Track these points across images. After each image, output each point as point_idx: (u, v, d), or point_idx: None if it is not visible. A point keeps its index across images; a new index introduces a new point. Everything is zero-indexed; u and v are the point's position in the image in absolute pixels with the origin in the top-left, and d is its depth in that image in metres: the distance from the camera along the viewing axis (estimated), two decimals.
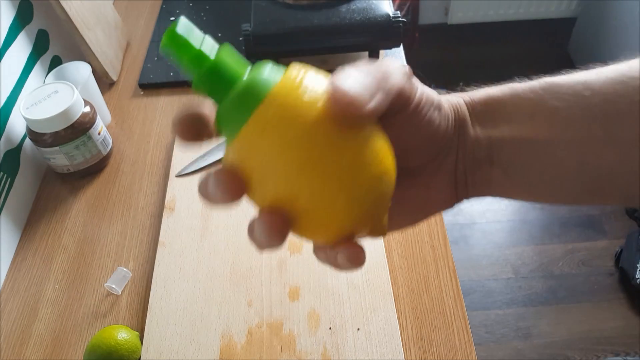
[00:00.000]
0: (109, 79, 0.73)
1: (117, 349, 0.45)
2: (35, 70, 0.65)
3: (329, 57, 0.73)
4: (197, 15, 0.82)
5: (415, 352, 0.46)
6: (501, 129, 0.25)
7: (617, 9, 1.48)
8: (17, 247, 0.57)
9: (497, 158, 0.25)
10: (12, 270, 0.55)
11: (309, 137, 0.19)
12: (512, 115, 0.25)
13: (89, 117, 0.59)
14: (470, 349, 0.46)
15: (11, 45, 0.60)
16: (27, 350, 0.49)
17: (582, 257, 1.32)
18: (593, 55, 1.63)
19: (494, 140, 0.25)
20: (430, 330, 0.48)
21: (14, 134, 0.59)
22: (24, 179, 0.60)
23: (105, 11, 0.74)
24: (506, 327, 1.21)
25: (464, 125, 0.26)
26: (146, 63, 0.75)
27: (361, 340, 0.46)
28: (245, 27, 0.66)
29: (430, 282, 0.51)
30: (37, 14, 0.66)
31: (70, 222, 0.59)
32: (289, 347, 0.46)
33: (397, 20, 0.65)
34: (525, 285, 1.28)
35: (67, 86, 0.58)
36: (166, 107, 0.70)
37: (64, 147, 0.58)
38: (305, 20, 0.66)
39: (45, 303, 0.52)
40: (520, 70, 1.87)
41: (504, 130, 0.25)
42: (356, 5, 0.66)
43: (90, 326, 0.50)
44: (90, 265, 0.55)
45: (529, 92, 0.25)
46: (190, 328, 0.48)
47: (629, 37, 1.42)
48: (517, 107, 0.25)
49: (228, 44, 0.22)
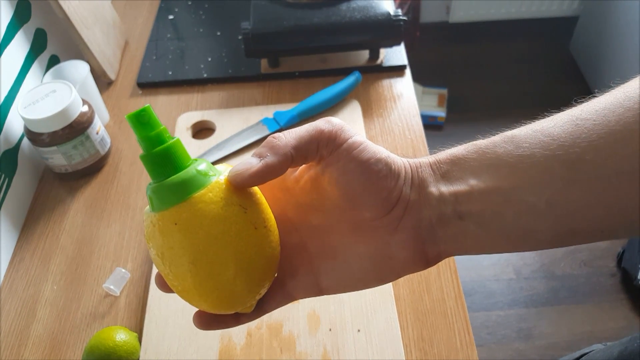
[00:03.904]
0: (107, 78, 0.72)
1: (115, 350, 0.45)
2: (33, 70, 0.64)
3: (328, 55, 0.72)
4: (196, 14, 0.82)
5: (416, 353, 0.46)
6: (468, 183, 0.26)
7: (619, 8, 1.48)
8: (15, 247, 0.57)
9: (466, 212, 0.26)
10: (10, 270, 0.55)
11: (201, 246, 0.25)
12: (477, 169, 0.27)
13: (87, 116, 0.58)
14: (472, 350, 0.46)
15: (9, 44, 0.60)
16: (26, 351, 0.49)
17: (584, 258, 1.31)
18: (595, 54, 1.62)
19: (461, 195, 0.26)
20: (432, 331, 0.47)
21: (12, 133, 0.59)
22: (21, 178, 0.60)
23: (103, 10, 0.74)
24: (508, 328, 1.20)
25: (424, 185, 0.27)
26: (144, 62, 0.75)
27: (362, 342, 0.46)
28: (244, 26, 0.65)
29: (431, 283, 0.50)
30: (35, 13, 0.66)
31: (68, 223, 0.58)
32: (288, 349, 0.46)
33: (398, 18, 0.65)
34: (527, 286, 1.27)
35: (65, 85, 0.57)
36: (165, 106, 0.70)
37: (62, 147, 0.57)
38: (305, 19, 0.65)
39: (44, 304, 0.52)
40: (522, 69, 1.86)
41: (472, 184, 0.26)
42: (356, 3, 0.66)
43: (89, 327, 0.50)
44: (89, 266, 0.54)
45: (492, 147, 0.27)
46: (189, 329, 0.47)
47: (631, 36, 1.42)
48: (482, 162, 0.27)
49: (179, 139, 0.27)
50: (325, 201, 0.29)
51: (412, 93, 0.69)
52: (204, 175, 0.26)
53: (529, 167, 0.25)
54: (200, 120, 0.66)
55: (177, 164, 0.26)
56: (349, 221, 0.28)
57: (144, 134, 0.26)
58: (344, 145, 0.27)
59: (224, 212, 0.25)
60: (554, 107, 0.28)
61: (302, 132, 0.27)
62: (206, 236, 0.25)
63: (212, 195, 0.25)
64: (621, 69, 1.47)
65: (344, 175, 0.27)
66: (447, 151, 0.28)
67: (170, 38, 0.78)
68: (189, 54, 0.75)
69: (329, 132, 0.27)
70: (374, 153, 0.27)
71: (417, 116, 0.66)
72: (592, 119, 0.24)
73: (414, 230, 0.27)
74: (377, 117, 0.66)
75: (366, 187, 0.27)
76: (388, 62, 0.71)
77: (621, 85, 0.26)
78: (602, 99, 0.25)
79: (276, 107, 0.66)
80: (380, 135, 0.64)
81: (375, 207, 0.27)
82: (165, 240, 0.25)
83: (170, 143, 0.26)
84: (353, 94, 0.68)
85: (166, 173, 0.26)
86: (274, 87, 0.71)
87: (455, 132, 1.61)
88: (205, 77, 0.72)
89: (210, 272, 0.25)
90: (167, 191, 0.25)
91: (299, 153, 0.27)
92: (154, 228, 0.26)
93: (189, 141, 0.63)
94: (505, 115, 1.64)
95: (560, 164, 0.24)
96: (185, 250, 0.25)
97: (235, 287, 0.26)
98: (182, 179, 0.25)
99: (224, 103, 0.69)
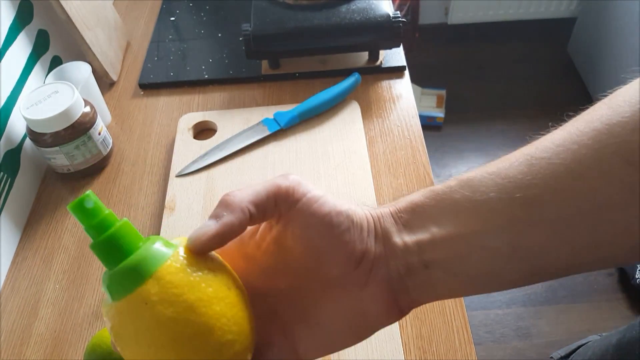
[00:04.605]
0: (109, 79, 0.73)
1: None
2: (36, 70, 0.65)
3: (328, 57, 0.73)
4: (197, 15, 0.82)
5: (415, 351, 0.46)
6: (430, 231, 0.26)
7: (617, 9, 1.48)
8: (18, 247, 0.57)
9: (431, 260, 0.26)
10: (13, 270, 0.55)
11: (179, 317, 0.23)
12: (437, 217, 0.26)
13: (89, 117, 0.59)
14: (470, 349, 0.46)
15: (11, 45, 0.60)
16: (28, 350, 0.49)
17: None
18: (592, 56, 1.63)
19: (424, 243, 0.26)
20: (430, 330, 0.48)
21: (14, 134, 0.59)
22: (24, 179, 0.60)
23: (105, 11, 0.74)
24: (506, 327, 1.21)
25: (388, 235, 0.27)
26: (146, 63, 0.75)
27: None
28: (245, 27, 0.66)
29: None
30: (37, 14, 0.66)
31: (70, 222, 0.59)
32: None
33: (397, 20, 0.65)
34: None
35: (67, 86, 0.58)
36: (166, 107, 0.71)
37: (64, 147, 0.58)
38: (305, 20, 0.66)
39: (46, 303, 0.52)
40: (519, 70, 1.87)
41: (433, 231, 0.26)
42: (356, 5, 0.66)
43: (91, 326, 0.50)
44: (91, 265, 0.55)
45: (449, 192, 0.26)
46: None
47: (629, 37, 1.42)
48: (441, 209, 0.26)
49: (127, 220, 0.25)
50: (291, 263, 0.28)
51: (411, 94, 0.69)
52: (161, 250, 0.25)
53: (488, 211, 0.25)
54: (201, 121, 0.66)
55: (128, 246, 0.25)
56: (317, 281, 0.27)
57: (88, 223, 0.24)
58: (302, 200, 0.26)
59: (195, 279, 0.24)
60: (552, 107, 0.29)
61: (258, 188, 0.26)
62: (183, 306, 0.23)
63: (178, 265, 0.24)
64: (619, 70, 1.48)
65: (306, 230, 0.26)
66: (406, 198, 0.28)
67: (171, 39, 0.79)
68: (191, 55, 0.76)
69: (286, 188, 0.26)
70: (334, 206, 0.26)
71: (416, 117, 0.66)
72: (547, 157, 0.24)
73: (384, 282, 0.27)
74: (377, 118, 0.66)
75: (329, 242, 0.26)
76: (387, 64, 0.71)
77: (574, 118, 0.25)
78: (556, 135, 0.25)
79: (277, 108, 0.67)
80: (379, 135, 0.64)
81: (342, 263, 0.26)
82: (137, 325, 0.24)
83: (117, 226, 0.25)
84: (352, 95, 0.68)
85: (120, 258, 0.24)
86: (274, 88, 0.71)
87: (454, 132, 1.62)
88: (207, 78, 0.72)
89: (195, 345, 0.24)
90: (127, 274, 0.24)
91: (257, 209, 0.26)
92: (121, 317, 0.24)
93: (191, 142, 0.64)
94: (503, 116, 1.64)
95: (518, 206, 0.24)
96: (164, 328, 0.23)
97: (222, 356, 0.24)
98: (141, 257, 0.24)
99: (225, 104, 0.70)
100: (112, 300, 0.24)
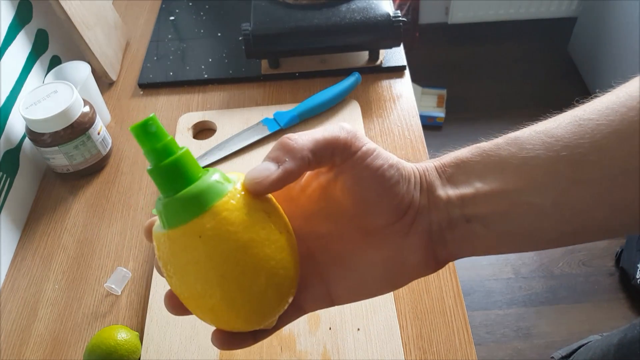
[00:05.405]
0: (108, 78, 0.73)
1: (116, 349, 0.45)
2: (35, 70, 0.65)
3: (328, 56, 0.72)
4: (196, 15, 0.82)
5: (415, 352, 0.46)
6: (474, 186, 0.27)
7: (617, 9, 1.48)
8: (17, 247, 0.57)
9: (473, 215, 0.27)
10: (12, 270, 0.55)
11: (231, 256, 0.24)
12: (482, 172, 0.27)
13: (89, 117, 0.59)
14: (471, 349, 0.46)
15: (10, 45, 0.60)
16: (27, 351, 0.49)
17: (583, 257, 1.32)
18: (593, 55, 1.63)
19: (467, 198, 0.27)
20: (431, 330, 0.47)
21: (14, 133, 0.59)
22: (23, 178, 0.60)
23: (104, 11, 0.74)
24: (506, 327, 1.21)
25: (432, 189, 0.28)
26: (145, 63, 0.75)
27: (361, 341, 0.46)
28: (245, 27, 0.66)
29: (430, 282, 0.51)
30: (37, 14, 0.66)
31: (69, 222, 0.59)
32: (288, 347, 0.46)
33: (398, 19, 0.65)
34: (526, 285, 1.28)
35: (67, 86, 0.58)
36: (166, 106, 0.70)
37: (64, 147, 0.58)
38: (305, 20, 0.65)
39: (45, 303, 0.52)
40: (520, 69, 1.87)
41: (477, 187, 0.27)
42: (356, 4, 0.66)
43: (90, 326, 0.50)
44: (90, 266, 0.55)
45: (496, 149, 0.27)
46: (190, 328, 0.48)
47: (629, 37, 1.42)
48: (486, 165, 0.27)
49: (187, 148, 0.25)
50: (335, 209, 0.28)
51: (411, 94, 0.69)
52: (220, 184, 0.24)
53: (533, 168, 0.25)
54: (201, 121, 0.66)
55: (188, 175, 0.24)
56: (360, 228, 0.28)
57: (150, 146, 0.24)
58: (358, 153, 0.26)
59: (250, 219, 0.24)
60: (553, 107, 0.29)
61: (317, 136, 0.26)
62: (236, 245, 0.24)
63: (235, 202, 0.24)
64: (619, 70, 1.48)
65: (358, 183, 0.27)
66: (452, 154, 0.29)
67: (171, 39, 0.78)
68: (190, 54, 0.76)
69: (344, 140, 0.26)
70: (386, 160, 0.27)
71: (417, 117, 0.66)
72: (595, 119, 0.24)
73: (424, 234, 0.27)
74: (377, 118, 0.66)
75: (380, 195, 0.27)
76: (387, 63, 0.71)
77: (622, 84, 0.26)
78: (604, 99, 0.25)
79: (276, 108, 0.66)
80: (379, 135, 0.64)
81: (388, 214, 0.27)
82: (188, 257, 0.24)
83: (180, 154, 0.24)
84: (353, 94, 0.68)
85: (178, 186, 0.24)
86: (274, 87, 0.71)
87: (454, 132, 1.62)
88: (206, 78, 0.72)
89: (241, 283, 0.24)
90: (183, 204, 0.24)
91: (315, 157, 0.26)
92: (171, 246, 0.24)
93: (190, 141, 0.64)
94: (503, 116, 1.64)
95: (564, 164, 0.24)
96: (214, 263, 0.23)
97: (266, 298, 0.25)
98: (199, 189, 0.24)
99: (225, 103, 0.70)
100: (164, 227, 0.24)
